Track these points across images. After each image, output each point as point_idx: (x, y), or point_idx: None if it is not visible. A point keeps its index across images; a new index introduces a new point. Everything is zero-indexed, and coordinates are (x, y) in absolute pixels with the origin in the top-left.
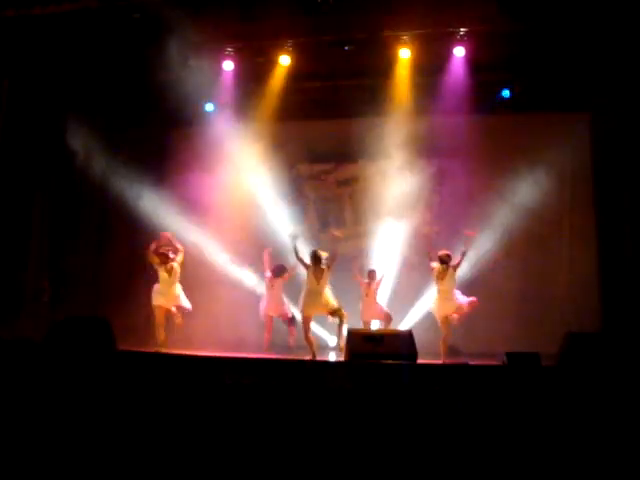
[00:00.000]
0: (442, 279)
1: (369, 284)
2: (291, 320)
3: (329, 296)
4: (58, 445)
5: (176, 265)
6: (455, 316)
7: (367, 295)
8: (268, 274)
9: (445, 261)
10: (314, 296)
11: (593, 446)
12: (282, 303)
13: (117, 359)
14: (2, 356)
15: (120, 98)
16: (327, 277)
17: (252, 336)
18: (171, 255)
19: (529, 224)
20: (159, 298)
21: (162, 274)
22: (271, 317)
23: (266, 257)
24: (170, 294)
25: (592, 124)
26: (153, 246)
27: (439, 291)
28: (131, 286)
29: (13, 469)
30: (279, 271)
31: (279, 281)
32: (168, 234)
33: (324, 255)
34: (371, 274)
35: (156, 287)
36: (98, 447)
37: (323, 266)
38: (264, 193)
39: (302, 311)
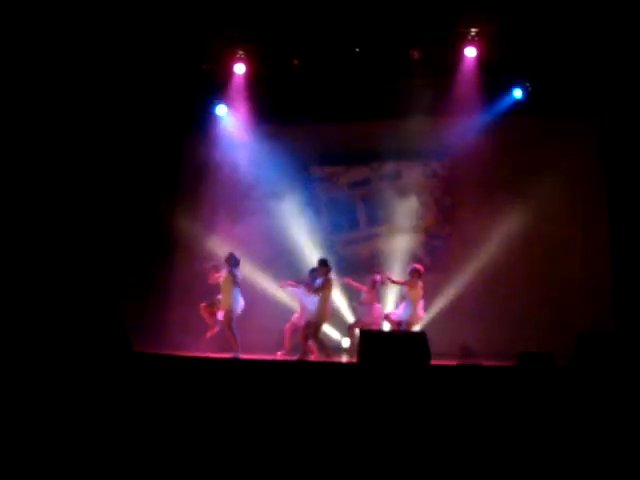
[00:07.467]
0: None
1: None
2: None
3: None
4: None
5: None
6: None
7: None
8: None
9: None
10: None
11: (607, 442)
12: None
13: (133, 360)
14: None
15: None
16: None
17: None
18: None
19: (541, 225)
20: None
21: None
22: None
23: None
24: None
25: (602, 126)
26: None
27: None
28: (146, 287)
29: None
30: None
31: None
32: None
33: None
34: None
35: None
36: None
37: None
38: (277, 195)
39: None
